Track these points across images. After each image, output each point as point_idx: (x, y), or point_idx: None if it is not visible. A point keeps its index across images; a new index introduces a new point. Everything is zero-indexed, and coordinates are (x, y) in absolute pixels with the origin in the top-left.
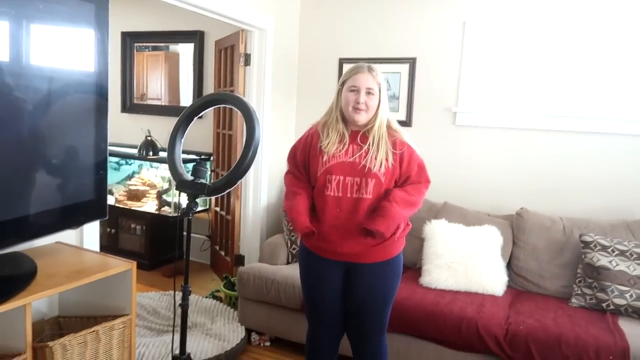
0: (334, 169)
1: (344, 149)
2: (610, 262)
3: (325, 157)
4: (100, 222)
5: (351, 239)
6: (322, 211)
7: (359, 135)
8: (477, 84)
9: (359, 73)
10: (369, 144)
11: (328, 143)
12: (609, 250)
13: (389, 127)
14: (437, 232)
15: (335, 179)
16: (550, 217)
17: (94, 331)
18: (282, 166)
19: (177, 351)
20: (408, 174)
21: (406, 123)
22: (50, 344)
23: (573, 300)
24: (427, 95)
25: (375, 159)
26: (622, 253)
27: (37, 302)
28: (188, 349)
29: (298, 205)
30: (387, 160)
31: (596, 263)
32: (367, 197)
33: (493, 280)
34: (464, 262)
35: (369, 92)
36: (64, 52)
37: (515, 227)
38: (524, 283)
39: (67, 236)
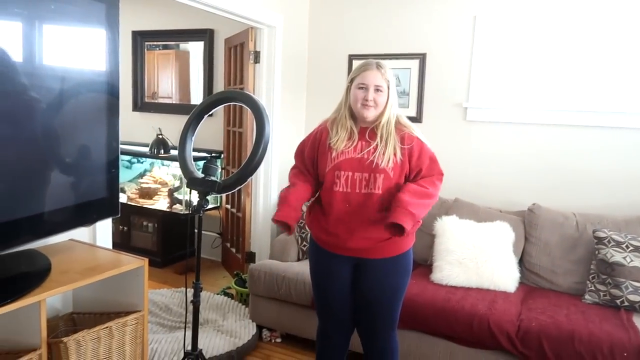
0: (343, 165)
1: (353, 145)
2: (624, 258)
3: (334, 154)
4: (113, 219)
5: (360, 234)
6: (330, 206)
7: (368, 131)
8: (488, 79)
9: (367, 70)
10: (377, 140)
11: (337, 140)
12: (623, 246)
13: (397, 122)
14: (448, 228)
15: (343, 175)
16: (563, 213)
17: (107, 327)
18: (292, 163)
19: (189, 347)
20: (419, 167)
21: (416, 119)
22: (65, 339)
23: (586, 296)
24: (437, 91)
25: (384, 154)
26: (636, 249)
27: (51, 298)
28: (200, 345)
29: (287, 195)
30: (395, 155)
31: (610, 259)
32: (376, 192)
33: (505, 276)
34: (475, 259)
35: (377, 89)
36: (75, 51)
37: (528, 223)
38: (536, 279)
39: (80, 234)
